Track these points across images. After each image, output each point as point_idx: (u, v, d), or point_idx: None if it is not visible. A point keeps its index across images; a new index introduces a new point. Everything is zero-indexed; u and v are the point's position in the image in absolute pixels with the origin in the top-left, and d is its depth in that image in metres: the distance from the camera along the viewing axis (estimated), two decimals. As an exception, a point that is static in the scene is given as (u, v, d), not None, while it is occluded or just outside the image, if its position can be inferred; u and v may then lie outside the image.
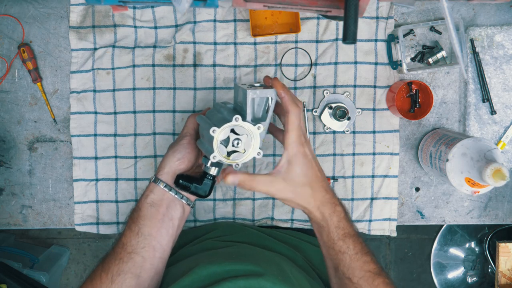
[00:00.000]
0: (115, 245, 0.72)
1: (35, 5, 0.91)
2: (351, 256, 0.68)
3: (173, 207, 0.73)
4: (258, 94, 0.67)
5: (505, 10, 0.92)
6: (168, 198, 0.73)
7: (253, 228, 0.90)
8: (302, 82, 0.92)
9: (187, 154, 0.74)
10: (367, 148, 0.93)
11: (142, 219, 0.71)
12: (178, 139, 0.76)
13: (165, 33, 0.91)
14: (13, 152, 0.93)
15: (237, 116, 0.67)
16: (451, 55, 0.92)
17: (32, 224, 0.94)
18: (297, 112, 0.68)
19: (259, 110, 0.70)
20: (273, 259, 0.76)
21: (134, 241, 0.70)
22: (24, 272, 1.47)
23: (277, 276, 0.68)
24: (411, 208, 0.95)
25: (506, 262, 1.13)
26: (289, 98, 0.68)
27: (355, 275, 0.67)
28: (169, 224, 0.72)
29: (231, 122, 0.67)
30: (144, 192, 0.74)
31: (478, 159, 0.77)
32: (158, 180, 0.73)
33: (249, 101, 0.67)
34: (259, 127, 0.68)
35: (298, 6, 0.56)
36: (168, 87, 0.91)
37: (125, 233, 0.71)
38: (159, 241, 0.71)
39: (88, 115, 0.92)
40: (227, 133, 0.67)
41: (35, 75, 0.91)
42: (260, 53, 0.91)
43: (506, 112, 0.93)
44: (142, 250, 0.70)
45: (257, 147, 0.69)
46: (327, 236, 0.69)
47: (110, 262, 0.70)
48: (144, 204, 0.72)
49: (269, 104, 0.69)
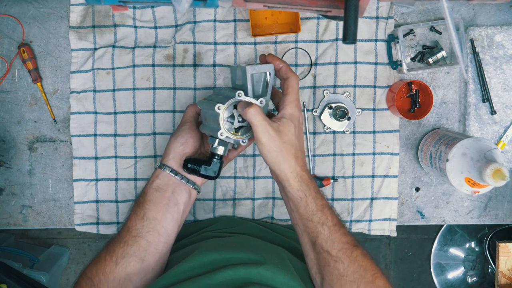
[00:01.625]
0: (121, 229, 0.72)
1: (35, 5, 0.91)
2: (329, 227, 0.66)
3: (179, 192, 0.73)
4: (257, 70, 0.69)
5: (505, 10, 0.92)
6: (174, 183, 0.73)
7: (252, 221, 0.90)
8: (302, 82, 0.92)
9: (189, 138, 0.74)
10: (367, 148, 0.93)
11: (147, 203, 0.72)
12: (179, 126, 0.77)
13: (165, 33, 0.91)
14: (13, 152, 0.93)
15: (240, 91, 0.68)
16: (451, 55, 0.92)
17: (32, 224, 0.94)
18: (296, 78, 0.70)
19: (258, 86, 0.71)
20: (273, 249, 0.76)
21: (139, 225, 0.71)
22: (24, 272, 1.47)
23: (277, 265, 0.67)
24: (411, 208, 0.95)
25: (506, 262, 1.13)
26: (287, 66, 0.71)
27: (334, 248, 0.66)
28: (174, 209, 0.73)
29: (234, 98, 0.69)
30: (150, 178, 0.74)
31: (478, 159, 0.77)
32: (163, 166, 0.73)
33: (248, 76, 0.68)
34: (261, 101, 0.69)
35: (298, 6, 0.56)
36: (168, 87, 0.91)
37: (130, 217, 0.72)
38: (164, 226, 0.72)
39: (88, 115, 0.92)
40: (231, 109, 0.69)
41: (35, 75, 0.91)
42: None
43: (506, 112, 0.93)
44: (147, 234, 0.71)
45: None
46: (305, 207, 0.67)
47: (115, 245, 0.70)
48: (149, 189, 0.73)
49: (268, 80, 0.70)
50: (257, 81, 0.71)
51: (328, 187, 0.93)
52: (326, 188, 0.93)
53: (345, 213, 0.94)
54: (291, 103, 0.68)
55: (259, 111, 0.65)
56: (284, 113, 0.68)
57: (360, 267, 0.66)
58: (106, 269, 0.69)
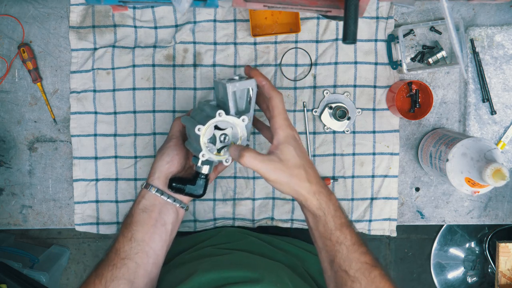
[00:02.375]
0: (109, 251, 0.71)
1: (35, 5, 0.91)
2: (348, 247, 0.65)
3: (166, 212, 0.72)
4: (238, 87, 0.67)
5: (505, 10, 0.92)
6: (160, 203, 0.72)
7: (252, 235, 0.90)
8: (302, 82, 0.92)
9: (175, 156, 0.73)
10: (367, 148, 0.93)
11: (134, 224, 0.71)
12: (165, 142, 0.75)
13: (165, 33, 0.91)
14: (13, 152, 0.93)
15: (220, 111, 0.67)
16: (451, 55, 0.92)
17: (32, 224, 0.94)
18: (279, 96, 0.68)
19: (241, 102, 0.70)
20: (271, 267, 0.76)
21: (127, 247, 0.70)
22: (24, 272, 1.48)
23: (275, 283, 0.67)
24: (411, 208, 0.95)
25: (506, 262, 1.13)
26: (270, 85, 0.68)
27: (352, 267, 0.64)
28: (162, 230, 0.72)
29: (214, 118, 0.67)
30: (136, 198, 0.74)
31: (478, 159, 0.77)
32: (149, 186, 0.72)
33: (230, 94, 0.67)
34: (243, 119, 0.68)
35: (298, 6, 0.56)
36: (168, 87, 0.91)
37: (118, 239, 0.71)
38: (152, 247, 0.71)
39: (88, 115, 0.92)
40: (212, 129, 0.68)
41: (35, 75, 0.91)
42: (260, 53, 0.91)
43: (506, 112, 0.93)
44: (136, 256, 0.70)
45: (244, 138, 0.69)
46: (324, 226, 0.66)
47: (103, 268, 0.69)
48: (136, 210, 0.72)
49: (251, 95, 0.69)
50: (240, 96, 0.69)
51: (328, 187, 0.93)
52: (326, 188, 0.93)
53: (345, 213, 0.94)
54: (280, 126, 0.66)
55: (253, 155, 0.63)
56: (278, 139, 0.66)
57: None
58: None
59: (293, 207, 0.93)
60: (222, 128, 0.68)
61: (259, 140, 0.92)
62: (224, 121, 0.68)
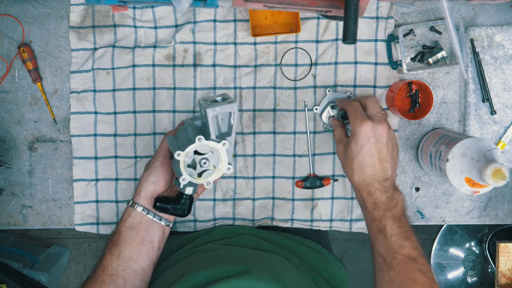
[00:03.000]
0: (96, 269, 0.72)
1: (35, 5, 0.91)
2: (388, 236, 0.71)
3: (152, 230, 0.73)
4: (218, 111, 0.67)
5: (505, 10, 0.92)
6: (146, 221, 0.73)
7: (248, 232, 0.90)
8: (302, 82, 0.92)
9: (161, 176, 0.74)
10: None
11: (122, 242, 0.72)
12: (152, 160, 0.76)
13: (165, 33, 0.91)
14: (13, 152, 0.93)
15: (200, 136, 0.67)
16: (451, 55, 0.92)
17: (32, 224, 0.94)
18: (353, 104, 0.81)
19: (224, 124, 0.69)
20: (266, 259, 0.76)
21: (115, 264, 0.71)
22: (24, 272, 1.48)
23: (269, 276, 0.68)
24: (411, 208, 0.95)
25: (506, 262, 1.13)
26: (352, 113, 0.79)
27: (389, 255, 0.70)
28: (149, 247, 0.73)
29: (194, 144, 0.67)
30: (122, 215, 0.74)
31: (478, 159, 0.77)
32: (135, 204, 0.73)
33: (210, 119, 0.67)
34: (224, 143, 0.68)
35: (298, 6, 0.56)
36: (168, 87, 0.91)
37: (105, 256, 0.72)
38: (139, 264, 0.72)
39: (88, 115, 0.92)
40: (192, 155, 0.68)
41: (35, 75, 0.91)
42: (260, 53, 0.91)
43: (506, 112, 0.93)
44: (124, 273, 0.71)
45: (225, 163, 0.69)
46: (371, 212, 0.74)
47: (91, 286, 0.70)
48: (123, 227, 0.73)
49: (232, 119, 0.69)
50: (222, 119, 0.69)
51: (328, 186, 0.93)
52: (326, 188, 0.93)
53: (345, 212, 0.94)
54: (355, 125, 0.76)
55: (341, 129, 0.83)
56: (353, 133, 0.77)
57: (411, 280, 0.68)
58: None
59: (293, 207, 0.93)
60: (202, 153, 0.68)
61: (259, 140, 0.92)
62: (204, 146, 0.68)
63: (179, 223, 0.93)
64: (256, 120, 0.92)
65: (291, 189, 0.93)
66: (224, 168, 0.70)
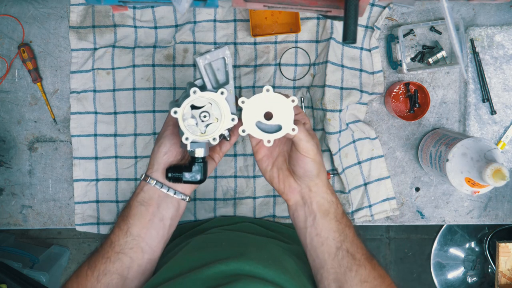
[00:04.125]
0: (104, 242, 0.70)
1: (35, 5, 0.91)
2: (354, 232, 0.69)
3: (165, 206, 0.70)
4: (209, 58, 0.63)
5: (505, 10, 0.92)
6: (160, 196, 0.70)
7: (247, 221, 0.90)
8: (301, 82, 0.92)
9: (173, 145, 0.69)
10: (347, 139, 0.92)
11: (131, 218, 0.69)
12: (162, 131, 0.72)
13: (165, 33, 0.91)
14: (13, 152, 0.93)
15: (194, 88, 0.63)
16: (451, 55, 0.92)
17: (32, 224, 0.94)
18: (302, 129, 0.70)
19: (220, 74, 0.66)
20: (264, 244, 0.76)
21: (123, 241, 0.69)
22: (24, 272, 1.48)
23: (267, 260, 0.67)
24: (411, 208, 0.95)
25: (506, 262, 1.13)
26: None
27: (358, 251, 0.67)
28: (160, 225, 0.70)
29: (190, 97, 0.63)
30: (135, 190, 0.71)
31: (478, 159, 0.77)
32: (148, 178, 0.70)
33: (201, 68, 0.63)
34: (222, 92, 0.64)
35: (298, 6, 0.56)
36: (168, 87, 0.91)
37: (114, 231, 0.70)
38: (147, 243, 0.69)
39: (88, 115, 0.92)
40: (189, 110, 0.63)
41: (35, 75, 0.91)
42: (260, 53, 0.91)
43: (506, 112, 0.93)
44: (130, 251, 0.68)
45: (228, 112, 0.64)
46: (336, 210, 0.69)
47: (97, 260, 0.68)
48: (134, 202, 0.70)
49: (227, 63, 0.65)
50: (218, 68, 0.65)
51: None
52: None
53: (346, 205, 0.93)
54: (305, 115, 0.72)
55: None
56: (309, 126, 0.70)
57: (379, 275, 0.67)
58: (87, 285, 0.67)
59: (293, 207, 0.93)
60: (200, 106, 0.64)
61: (259, 140, 0.92)
62: (201, 98, 0.63)
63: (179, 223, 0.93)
64: (256, 120, 0.92)
65: (291, 189, 0.93)
66: (228, 119, 0.64)
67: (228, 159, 0.93)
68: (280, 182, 0.71)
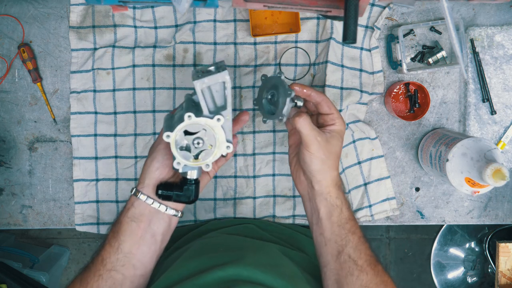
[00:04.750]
0: (94, 259, 0.68)
1: (35, 5, 0.91)
2: (359, 237, 0.68)
3: (156, 221, 0.68)
4: (207, 83, 0.59)
5: (505, 10, 0.92)
6: (151, 211, 0.68)
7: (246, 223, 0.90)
8: (301, 82, 0.92)
9: (166, 161, 0.68)
10: (347, 139, 0.92)
11: (122, 234, 0.67)
12: (156, 142, 0.70)
13: (165, 33, 0.91)
14: (13, 152, 0.93)
15: (189, 113, 0.60)
16: (451, 55, 0.92)
17: (32, 224, 0.94)
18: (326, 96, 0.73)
19: (219, 97, 0.62)
20: (263, 248, 0.76)
21: (114, 258, 0.67)
22: (24, 272, 1.48)
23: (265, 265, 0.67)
24: (411, 208, 0.96)
25: (506, 262, 1.13)
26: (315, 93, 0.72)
27: (361, 257, 0.67)
28: (151, 241, 0.68)
29: (183, 123, 0.60)
30: (125, 205, 0.70)
31: (478, 159, 0.77)
32: (139, 193, 0.68)
33: (199, 92, 0.60)
34: (218, 119, 0.61)
35: (298, 6, 0.56)
36: (168, 87, 0.91)
37: (105, 247, 0.68)
38: (139, 259, 0.68)
39: (88, 115, 0.92)
40: (183, 135, 0.61)
41: (35, 75, 0.91)
42: (260, 53, 0.91)
43: (506, 112, 0.93)
44: (122, 268, 0.67)
45: (223, 140, 0.62)
46: (339, 215, 0.68)
47: (88, 277, 0.67)
48: (124, 218, 0.68)
49: (226, 90, 0.62)
50: (217, 91, 0.62)
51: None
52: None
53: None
54: (339, 119, 0.72)
55: (307, 121, 0.67)
56: (334, 128, 0.71)
57: (382, 282, 0.67)
58: None
59: (295, 203, 0.93)
60: (193, 132, 0.61)
61: (259, 139, 0.92)
62: (195, 124, 0.61)
63: (179, 223, 0.93)
64: (256, 119, 0.92)
65: (292, 186, 0.93)
66: (223, 147, 0.62)
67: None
68: (293, 171, 0.75)
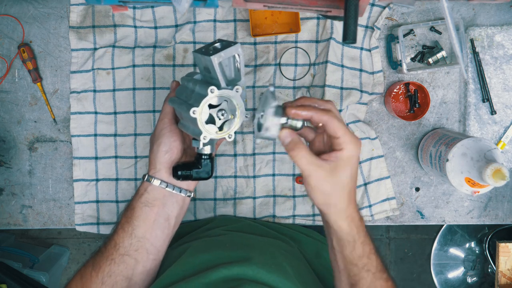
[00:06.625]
0: (107, 243, 0.69)
1: (35, 5, 0.91)
2: (374, 274, 0.63)
3: (169, 205, 0.70)
4: (223, 56, 0.62)
5: (505, 10, 0.92)
6: (164, 195, 0.69)
7: (248, 219, 0.89)
8: (301, 82, 0.92)
9: (173, 143, 0.69)
10: None
11: (136, 219, 0.68)
12: (158, 128, 0.70)
13: (165, 33, 0.91)
14: (13, 152, 0.93)
15: (212, 87, 0.63)
16: (451, 55, 0.92)
17: (32, 224, 0.94)
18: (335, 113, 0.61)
19: (229, 70, 0.65)
20: (265, 246, 0.75)
21: (127, 243, 0.68)
22: (24, 272, 1.48)
23: (270, 265, 0.67)
24: (411, 208, 0.96)
25: (506, 262, 1.13)
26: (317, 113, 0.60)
27: None
28: (165, 225, 0.70)
29: (208, 96, 0.63)
30: (137, 191, 0.70)
31: (478, 159, 0.77)
32: (152, 178, 0.69)
33: (216, 67, 0.62)
34: (237, 89, 0.64)
35: (298, 6, 0.56)
36: (168, 87, 0.91)
37: (117, 232, 0.69)
38: (153, 243, 0.69)
39: (88, 115, 0.92)
40: (207, 109, 0.64)
41: (35, 75, 0.91)
42: (260, 52, 0.91)
43: (506, 112, 0.93)
44: (135, 253, 0.68)
45: (243, 109, 0.66)
46: (351, 252, 0.62)
47: (101, 261, 0.68)
48: (138, 203, 0.69)
49: (238, 61, 0.64)
50: (226, 65, 0.65)
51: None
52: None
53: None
54: (349, 143, 0.59)
55: (303, 153, 0.58)
56: (341, 155, 0.59)
57: None
58: (92, 286, 0.67)
59: (295, 204, 0.93)
60: (216, 104, 0.64)
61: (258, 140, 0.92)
62: (218, 97, 0.64)
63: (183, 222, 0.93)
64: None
65: (292, 186, 0.93)
66: (242, 115, 0.65)
67: (228, 159, 0.93)
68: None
